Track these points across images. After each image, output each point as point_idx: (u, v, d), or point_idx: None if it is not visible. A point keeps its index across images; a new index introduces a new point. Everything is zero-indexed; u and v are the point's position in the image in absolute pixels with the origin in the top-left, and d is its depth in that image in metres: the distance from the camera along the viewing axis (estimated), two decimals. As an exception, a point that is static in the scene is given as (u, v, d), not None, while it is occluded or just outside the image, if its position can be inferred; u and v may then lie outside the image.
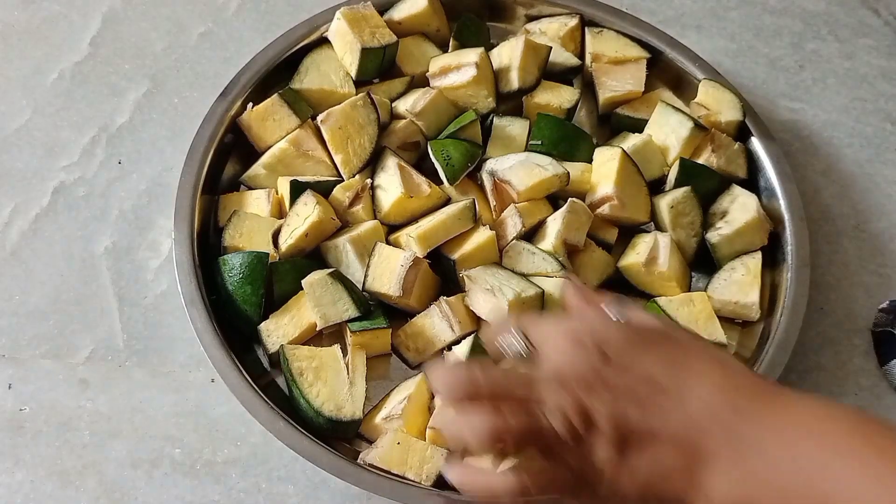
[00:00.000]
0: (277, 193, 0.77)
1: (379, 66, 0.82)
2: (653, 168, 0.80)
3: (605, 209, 0.77)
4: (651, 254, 0.75)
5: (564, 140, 0.80)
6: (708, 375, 0.50)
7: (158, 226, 0.79)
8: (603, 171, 0.78)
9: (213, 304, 0.71)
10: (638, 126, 0.83)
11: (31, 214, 0.79)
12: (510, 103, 0.83)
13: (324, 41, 0.83)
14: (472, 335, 0.70)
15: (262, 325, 0.71)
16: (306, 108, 0.79)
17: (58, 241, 0.78)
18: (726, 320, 0.76)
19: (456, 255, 0.73)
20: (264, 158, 0.78)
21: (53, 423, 0.70)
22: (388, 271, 0.72)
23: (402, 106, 0.80)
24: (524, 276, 0.73)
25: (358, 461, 0.66)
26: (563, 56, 0.85)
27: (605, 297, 0.57)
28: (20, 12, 0.90)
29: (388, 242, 0.75)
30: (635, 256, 0.76)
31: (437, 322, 0.72)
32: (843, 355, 0.77)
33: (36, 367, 0.73)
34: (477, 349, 0.69)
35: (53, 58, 0.88)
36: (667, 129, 0.81)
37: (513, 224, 0.75)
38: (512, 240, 0.75)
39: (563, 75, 0.86)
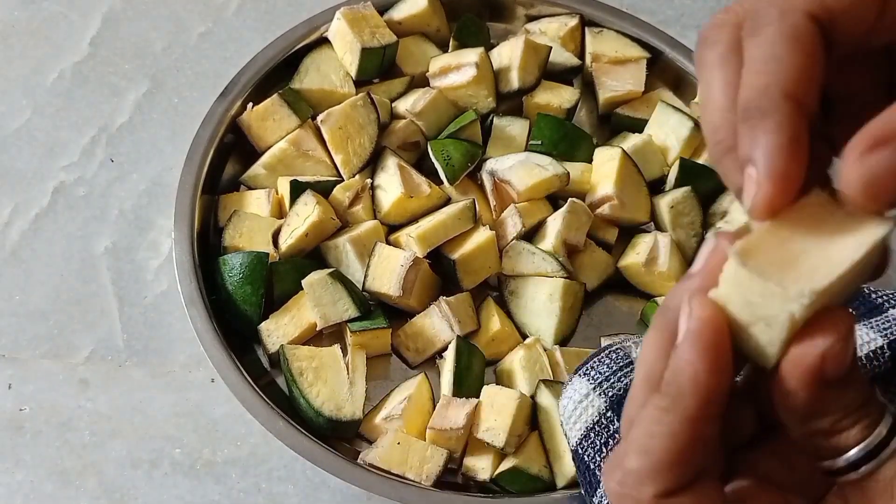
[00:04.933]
0: (277, 193, 0.77)
1: (379, 66, 0.82)
2: (653, 168, 0.80)
3: (605, 209, 0.77)
4: (651, 254, 0.75)
5: (564, 140, 0.79)
6: None
7: (158, 226, 0.79)
8: (603, 171, 0.78)
9: (213, 304, 0.71)
10: (638, 126, 0.83)
11: (31, 214, 0.79)
12: (510, 103, 0.83)
13: (324, 41, 0.83)
14: (456, 338, 0.70)
15: (262, 325, 0.71)
16: (306, 108, 0.79)
17: (58, 241, 0.78)
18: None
19: (456, 255, 0.73)
20: (264, 158, 0.78)
21: (53, 423, 0.70)
22: (388, 271, 0.72)
23: (402, 106, 0.80)
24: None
25: (358, 461, 0.66)
26: (563, 56, 0.85)
27: None
28: (20, 12, 0.90)
29: (388, 242, 0.75)
30: (635, 256, 0.76)
31: (437, 322, 0.72)
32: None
33: (36, 367, 0.73)
34: (463, 351, 0.69)
35: (53, 58, 0.88)
36: (667, 129, 0.81)
37: (513, 224, 0.75)
38: (512, 240, 0.75)
39: (563, 75, 0.86)
